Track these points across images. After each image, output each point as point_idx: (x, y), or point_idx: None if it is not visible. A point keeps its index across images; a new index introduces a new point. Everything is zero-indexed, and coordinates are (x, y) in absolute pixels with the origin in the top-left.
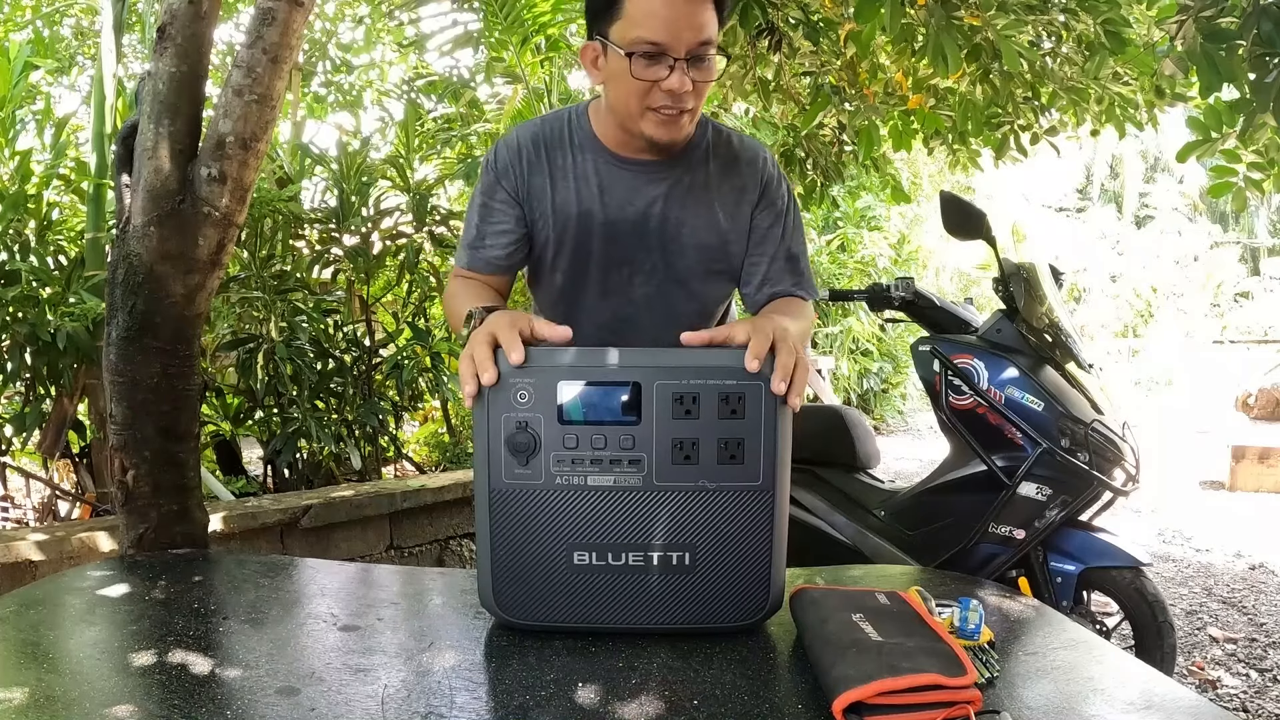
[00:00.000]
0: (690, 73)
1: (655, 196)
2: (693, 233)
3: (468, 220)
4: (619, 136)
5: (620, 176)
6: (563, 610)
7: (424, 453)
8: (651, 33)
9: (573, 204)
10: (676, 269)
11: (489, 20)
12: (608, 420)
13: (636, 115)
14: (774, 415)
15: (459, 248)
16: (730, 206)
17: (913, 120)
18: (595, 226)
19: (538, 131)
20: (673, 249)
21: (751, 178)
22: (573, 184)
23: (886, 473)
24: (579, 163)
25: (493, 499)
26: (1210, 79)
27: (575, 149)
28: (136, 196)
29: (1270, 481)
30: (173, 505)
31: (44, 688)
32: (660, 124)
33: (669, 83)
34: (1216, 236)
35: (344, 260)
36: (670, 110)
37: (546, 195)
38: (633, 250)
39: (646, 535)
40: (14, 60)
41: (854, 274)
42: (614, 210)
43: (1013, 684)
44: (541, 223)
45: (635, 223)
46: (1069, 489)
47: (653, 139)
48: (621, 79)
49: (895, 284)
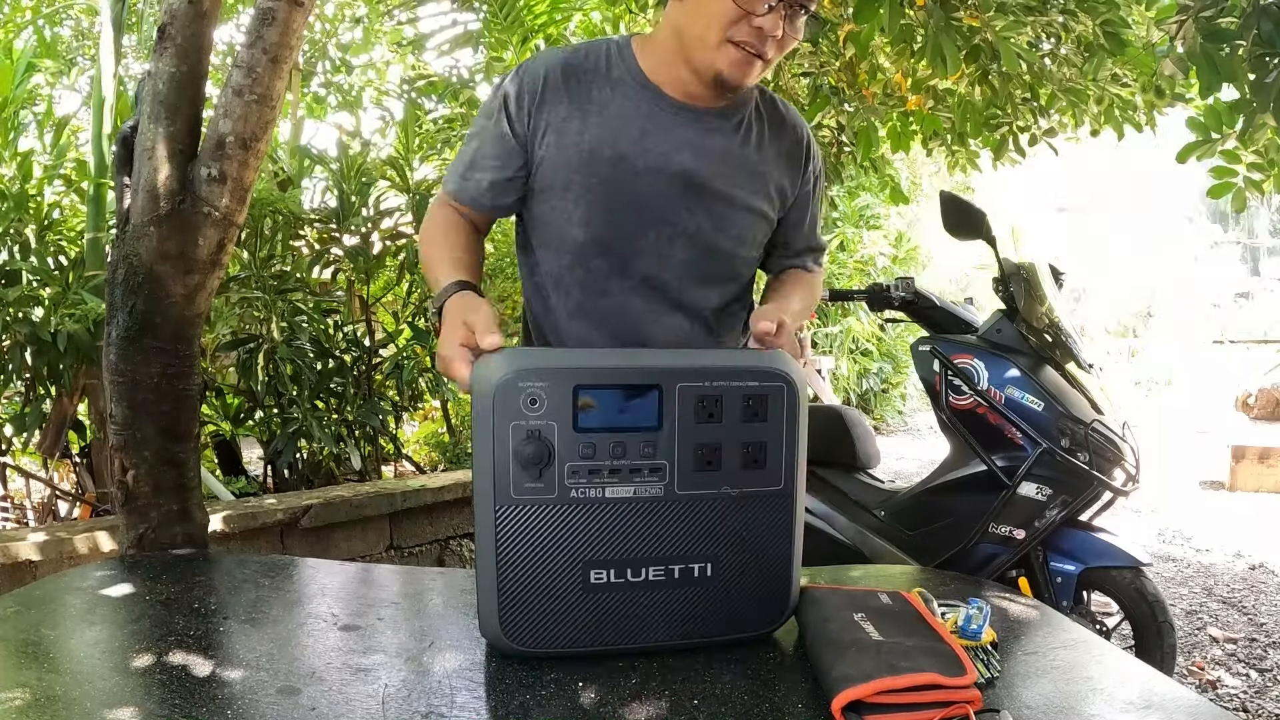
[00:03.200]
0: (783, 22)
1: (708, 149)
2: (745, 197)
3: (466, 141)
4: (674, 74)
5: (667, 121)
6: (578, 634)
7: (424, 453)
8: None
9: (606, 145)
10: (724, 235)
11: (489, 20)
12: (627, 427)
13: (713, 45)
14: (795, 417)
15: (449, 171)
16: (778, 173)
17: (911, 121)
18: (631, 175)
19: (570, 59)
20: (720, 211)
21: (798, 144)
22: (609, 122)
23: (886, 473)
24: (617, 99)
25: (499, 517)
26: (1210, 79)
27: (614, 83)
28: (136, 196)
29: (1270, 481)
30: (173, 505)
31: (44, 687)
32: (736, 62)
33: (764, 20)
34: (1216, 236)
35: (344, 260)
36: (752, 48)
37: (570, 131)
38: (674, 208)
39: (668, 548)
40: (16, 61)
41: (853, 274)
42: (655, 158)
43: (1013, 684)
44: (559, 163)
45: (681, 176)
46: (1069, 489)
47: (723, 75)
48: (710, 1)
49: (895, 284)
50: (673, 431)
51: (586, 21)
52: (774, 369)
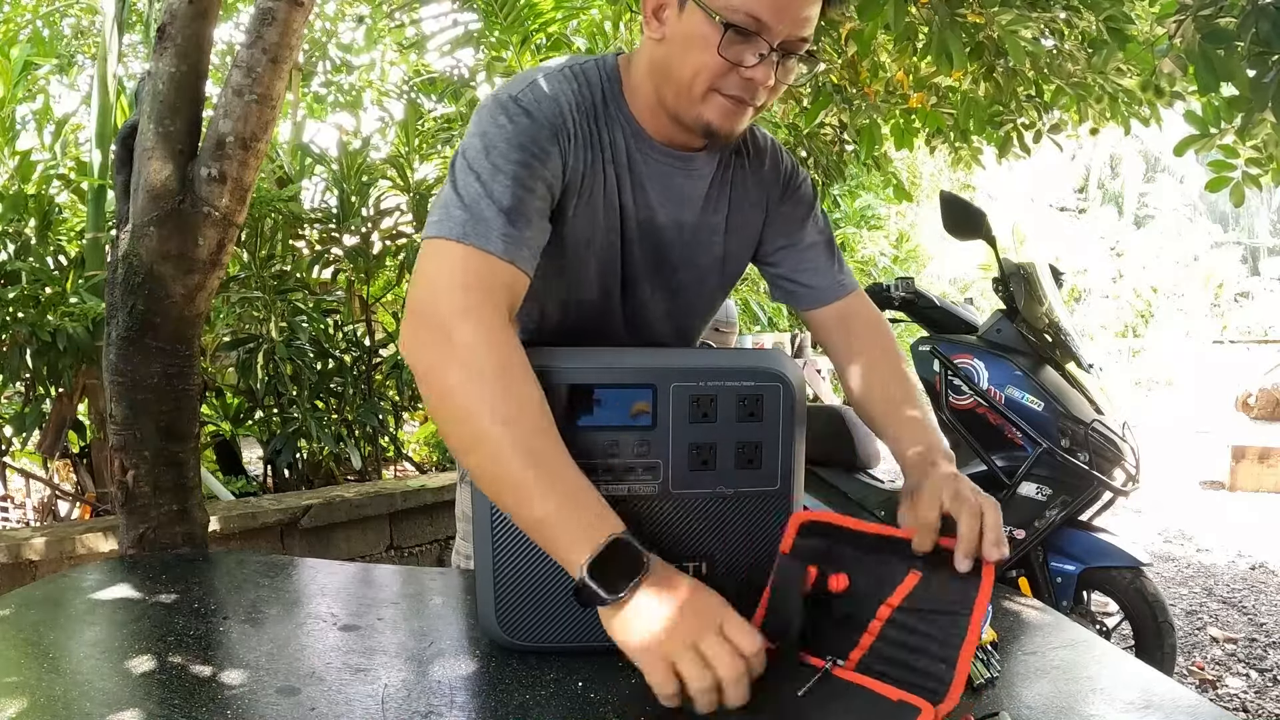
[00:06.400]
0: (775, 69)
1: (692, 198)
2: (724, 240)
3: (487, 176)
4: (656, 119)
5: (657, 169)
6: (574, 630)
7: (424, 453)
8: (763, 7)
9: (614, 199)
10: (706, 284)
11: (489, 20)
12: (621, 425)
13: (697, 96)
14: (791, 418)
15: (470, 218)
16: (758, 208)
17: (914, 119)
18: (628, 230)
19: (576, 94)
20: (705, 263)
21: (773, 171)
22: (613, 172)
23: (886, 473)
24: (615, 144)
25: (495, 515)
26: (1208, 78)
27: (610, 125)
28: (136, 196)
29: (1270, 481)
30: (173, 505)
31: (44, 688)
32: (723, 112)
33: (754, 72)
34: (1216, 236)
35: (344, 260)
36: (739, 99)
37: (591, 185)
38: (661, 262)
39: (662, 546)
40: (14, 60)
41: (854, 274)
42: (644, 210)
43: (1013, 684)
44: (574, 220)
45: (669, 228)
46: (1069, 489)
47: (710, 126)
48: (697, 48)
49: (895, 284)
50: (666, 430)
51: (589, 20)
52: (769, 369)
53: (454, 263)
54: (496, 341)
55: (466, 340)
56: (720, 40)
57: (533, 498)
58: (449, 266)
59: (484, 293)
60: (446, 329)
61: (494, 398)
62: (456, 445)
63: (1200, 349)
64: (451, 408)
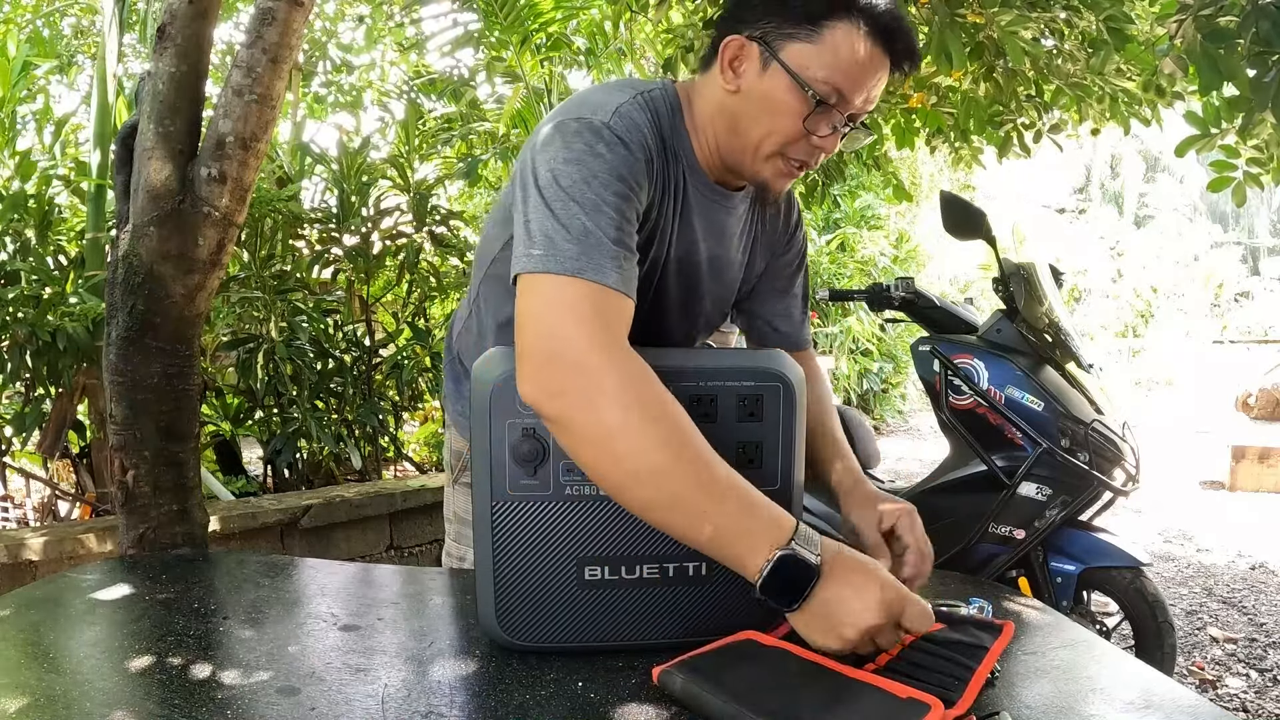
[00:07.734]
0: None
1: (728, 233)
2: (740, 275)
3: (591, 208)
4: (710, 156)
5: (704, 204)
6: (573, 629)
7: (424, 453)
8: (847, 81)
9: (666, 229)
10: (720, 310)
11: (489, 20)
12: None
13: (762, 157)
14: (791, 418)
15: (582, 251)
16: (766, 251)
17: (914, 118)
18: (669, 259)
19: (651, 124)
20: (724, 294)
21: (785, 221)
22: (670, 204)
23: (886, 473)
24: (677, 178)
25: (495, 513)
26: (1209, 78)
27: (674, 159)
28: (136, 196)
29: (1270, 481)
30: (173, 505)
31: (44, 688)
32: (782, 175)
33: (824, 141)
34: (1216, 236)
35: (344, 260)
36: (802, 163)
37: (656, 216)
38: (690, 290)
39: (662, 546)
40: (14, 60)
41: (854, 274)
42: (687, 243)
43: (1013, 684)
44: (648, 252)
45: (705, 261)
46: (1069, 489)
47: (765, 184)
48: (779, 113)
49: (895, 284)
50: None
51: (588, 20)
52: (770, 369)
53: (576, 298)
54: (638, 374)
55: (614, 378)
56: (808, 113)
57: (705, 518)
58: (571, 302)
59: (614, 327)
60: (587, 368)
61: (658, 432)
62: (620, 483)
63: (1200, 349)
64: (617, 449)
